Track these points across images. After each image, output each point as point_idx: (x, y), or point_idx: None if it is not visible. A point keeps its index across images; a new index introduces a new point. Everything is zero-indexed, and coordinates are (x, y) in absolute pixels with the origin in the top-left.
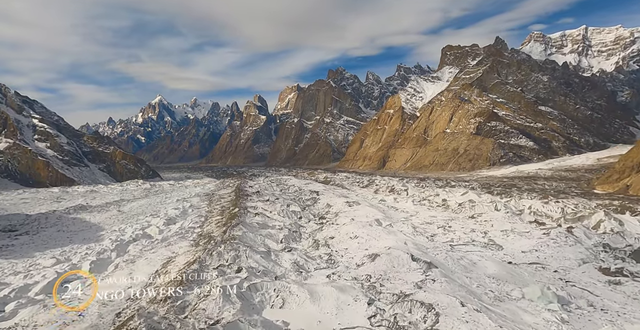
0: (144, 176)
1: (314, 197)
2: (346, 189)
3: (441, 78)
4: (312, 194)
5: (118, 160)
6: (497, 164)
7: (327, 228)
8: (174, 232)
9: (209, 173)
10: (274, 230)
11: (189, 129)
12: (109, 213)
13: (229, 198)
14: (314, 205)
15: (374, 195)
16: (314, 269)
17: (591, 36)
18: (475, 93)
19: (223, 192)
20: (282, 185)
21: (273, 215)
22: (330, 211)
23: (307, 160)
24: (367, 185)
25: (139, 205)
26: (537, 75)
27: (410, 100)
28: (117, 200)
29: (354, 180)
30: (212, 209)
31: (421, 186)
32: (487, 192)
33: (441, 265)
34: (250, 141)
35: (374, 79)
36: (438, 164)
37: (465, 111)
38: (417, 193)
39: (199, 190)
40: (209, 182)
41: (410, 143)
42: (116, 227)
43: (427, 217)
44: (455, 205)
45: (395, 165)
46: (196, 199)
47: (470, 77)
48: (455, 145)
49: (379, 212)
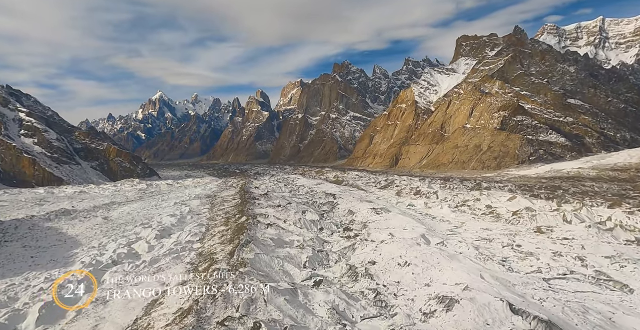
0: (141, 175)
1: (331, 201)
2: (363, 191)
3: (457, 70)
4: (328, 197)
5: (112, 157)
6: (527, 163)
7: (361, 246)
8: (167, 250)
9: (210, 171)
10: (293, 250)
11: (190, 126)
12: (93, 221)
13: (233, 202)
14: (333, 212)
15: (398, 198)
16: (360, 319)
17: (609, 28)
18: (497, 85)
19: (226, 193)
20: (291, 186)
21: (288, 226)
22: (355, 220)
23: (313, 157)
24: (386, 186)
25: (130, 210)
26: (563, 66)
27: (424, 94)
28: (107, 203)
29: (369, 180)
30: (214, 216)
31: (449, 188)
32: (532, 196)
33: (564, 325)
34: (252, 138)
35: (382, 73)
36: (458, 162)
37: (487, 105)
38: (449, 197)
39: (200, 192)
40: (211, 181)
41: (426, 140)
42: (97, 242)
43: (480, 231)
44: (507, 213)
45: (410, 163)
46: (196, 203)
47: (490, 68)
48: (478, 142)
49: (417, 224)
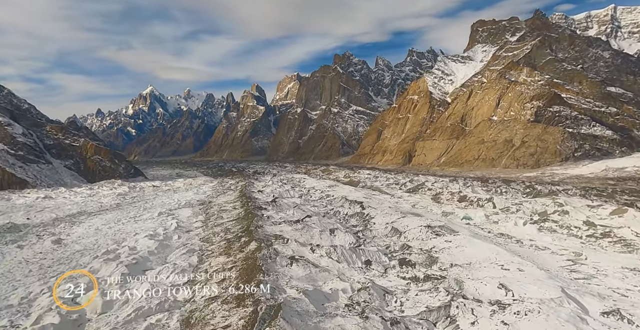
0: (123, 175)
1: (359, 211)
2: (388, 195)
3: (473, 58)
4: (352, 205)
5: (89, 155)
6: (571, 159)
7: (464, 314)
8: (133, 310)
9: (204, 169)
10: (346, 318)
11: (182, 121)
12: (37, 247)
13: (234, 212)
14: (369, 229)
15: (439, 206)
16: None
17: (621, 16)
18: (525, 72)
19: (224, 199)
20: (299, 189)
21: (319, 257)
22: (410, 246)
23: (313, 154)
24: (415, 189)
25: (100, 224)
26: (595, 51)
27: (438, 84)
28: (73, 213)
29: (387, 180)
30: (210, 235)
31: (496, 192)
32: (619, 204)
33: None
34: (248, 133)
35: (384, 64)
36: (486, 159)
37: (517, 94)
38: (511, 206)
39: (191, 197)
40: (204, 182)
41: (444, 134)
42: (22, 290)
43: (617, 270)
44: (636, 238)
45: (426, 160)
46: (186, 213)
47: (514, 54)
48: (508, 136)
49: (514, 256)
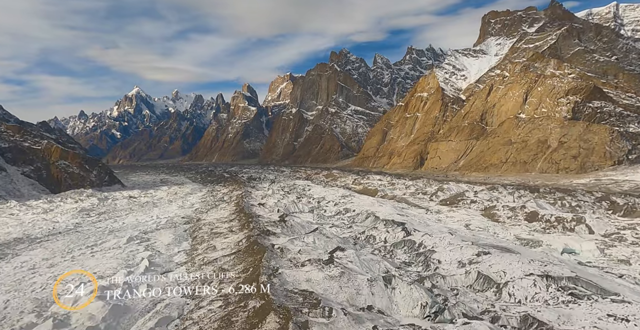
0: (96, 183)
1: (405, 238)
2: (420, 208)
3: (487, 52)
4: (389, 226)
5: (54, 160)
6: (625, 163)
7: None
8: None
9: (192, 174)
10: None
11: (170, 123)
12: None
13: (231, 237)
14: (438, 275)
15: (502, 226)
16: None
17: (623, 14)
18: (552, 65)
19: (216, 215)
20: (306, 199)
21: None
22: (539, 320)
23: (310, 157)
24: (452, 200)
25: (36, 261)
26: (626, 41)
27: (449, 80)
28: (9, 240)
29: (407, 187)
30: (197, 286)
31: (562, 206)
32: None
33: None
34: (239, 136)
35: (383, 62)
36: (516, 162)
37: (548, 88)
38: (616, 230)
39: (175, 211)
40: (192, 191)
41: (461, 134)
42: None
43: None
44: None
45: (441, 163)
46: (166, 237)
47: (536, 46)
48: (541, 136)
49: None
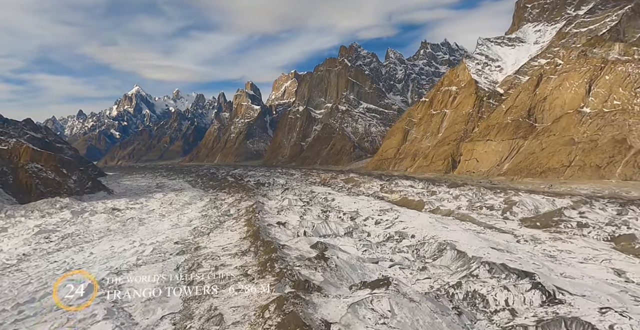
0: (75, 191)
1: (563, 317)
2: (504, 232)
3: (524, 39)
4: (509, 278)
5: (23, 163)
6: None
7: None
8: None
9: (192, 177)
10: None
11: (170, 123)
12: None
13: (249, 290)
14: None
15: None
16: None
17: None
18: (617, 49)
19: (222, 239)
20: (335, 214)
21: None
22: None
23: (320, 158)
24: (544, 222)
25: None
26: None
27: (483, 72)
28: None
29: (457, 198)
30: None
31: None
32: None
33: None
34: (242, 136)
35: (396, 57)
36: (585, 166)
37: (620, 76)
38: None
39: (166, 232)
40: (191, 200)
41: (503, 133)
42: None
43: None
44: None
45: (479, 167)
46: (146, 285)
47: (590, 29)
48: (617, 134)
49: None
